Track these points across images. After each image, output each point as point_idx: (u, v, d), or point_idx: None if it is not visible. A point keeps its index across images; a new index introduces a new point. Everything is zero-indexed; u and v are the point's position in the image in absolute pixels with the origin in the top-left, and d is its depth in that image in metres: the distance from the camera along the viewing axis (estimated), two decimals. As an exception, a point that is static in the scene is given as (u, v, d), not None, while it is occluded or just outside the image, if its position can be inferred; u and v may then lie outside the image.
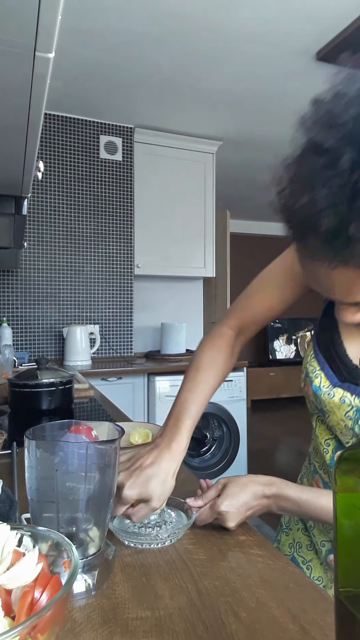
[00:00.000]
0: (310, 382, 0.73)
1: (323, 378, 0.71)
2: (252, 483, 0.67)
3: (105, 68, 2.63)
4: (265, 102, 3.04)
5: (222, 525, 0.66)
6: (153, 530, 0.67)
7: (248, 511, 0.66)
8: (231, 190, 5.01)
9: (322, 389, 0.71)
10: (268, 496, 0.66)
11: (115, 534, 0.65)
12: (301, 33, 2.29)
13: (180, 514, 0.71)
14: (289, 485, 0.67)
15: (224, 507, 0.65)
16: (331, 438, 0.74)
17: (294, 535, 0.86)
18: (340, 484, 0.33)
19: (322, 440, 0.75)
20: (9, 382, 1.52)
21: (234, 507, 0.65)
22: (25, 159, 1.00)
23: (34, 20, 0.51)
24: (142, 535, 0.65)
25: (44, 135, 3.13)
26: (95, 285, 3.32)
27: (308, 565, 0.81)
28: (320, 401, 0.71)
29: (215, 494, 0.68)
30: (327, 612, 0.50)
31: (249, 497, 0.66)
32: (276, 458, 4.11)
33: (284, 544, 0.88)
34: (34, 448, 0.55)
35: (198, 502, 0.69)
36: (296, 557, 0.83)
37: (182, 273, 3.54)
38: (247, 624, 0.49)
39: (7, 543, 0.39)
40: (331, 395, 0.69)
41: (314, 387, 0.72)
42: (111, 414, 1.56)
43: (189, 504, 0.70)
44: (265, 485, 0.67)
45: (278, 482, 0.67)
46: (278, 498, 0.66)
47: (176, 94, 2.95)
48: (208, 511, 0.67)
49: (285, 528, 0.89)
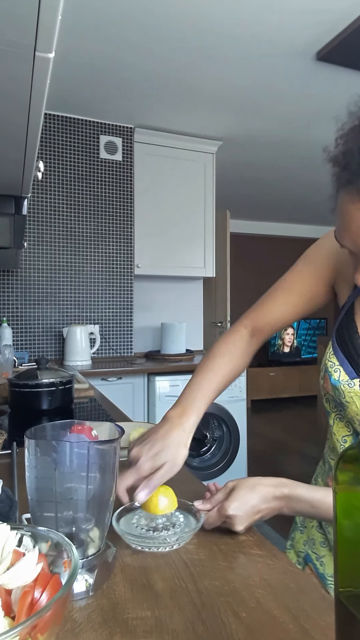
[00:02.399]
0: (330, 376, 0.75)
1: (342, 372, 0.73)
2: (260, 486, 0.66)
3: (106, 68, 2.63)
4: (266, 102, 3.04)
5: (230, 528, 0.65)
6: (161, 533, 0.66)
7: (257, 515, 0.65)
8: (231, 190, 5.01)
9: (341, 382, 0.72)
10: (278, 498, 0.65)
11: (122, 537, 0.64)
12: (301, 33, 2.29)
13: (189, 517, 0.70)
14: (301, 485, 0.67)
15: (231, 511, 0.64)
16: (348, 435, 0.74)
17: (309, 532, 0.86)
18: (340, 483, 0.33)
19: (340, 437, 0.76)
20: (9, 382, 1.52)
21: (241, 510, 0.64)
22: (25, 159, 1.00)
23: (34, 20, 0.51)
24: (150, 538, 0.64)
25: (44, 135, 3.13)
26: (95, 285, 3.32)
27: (321, 562, 0.81)
28: (339, 393, 0.72)
29: (224, 498, 0.67)
30: (327, 612, 0.50)
31: (258, 500, 0.64)
32: (276, 458, 4.11)
33: (298, 542, 0.88)
34: (34, 448, 0.55)
35: (206, 505, 0.69)
36: (310, 554, 0.84)
37: (182, 273, 3.54)
38: (247, 624, 0.49)
39: (7, 543, 0.39)
40: (351, 385, 0.71)
41: (333, 380, 0.74)
42: (111, 414, 1.56)
43: (197, 507, 0.69)
44: (275, 487, 0.66)
45: (289, 483, 0.66)
46: (290, 499, 0.65)
47: (176, 94, 2.95)
48: (216, 514, 0.66)
49: (300, 526, 0.89)
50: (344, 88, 2.81)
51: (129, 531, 0.65)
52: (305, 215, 6.35)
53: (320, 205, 5.77)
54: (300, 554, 0.86)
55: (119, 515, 0.68)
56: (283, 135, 3.56)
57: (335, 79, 2.71)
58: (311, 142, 3.66)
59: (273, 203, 5.79)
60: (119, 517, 0.68)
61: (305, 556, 0.85)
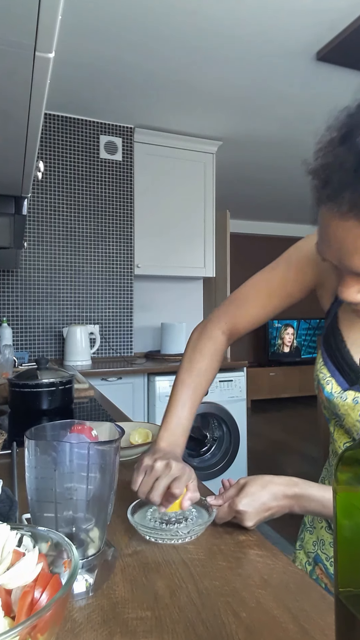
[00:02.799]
0: (322, 388, 0.74)
1: (334, 384, 0.72)
2: (272, 484, 0.67)
3: (106, 68, 2.63)
4: (265, 102, 3.04)
5: (240, 524, 0.66)
6: (174, 526, 0.68)
7: (267, 512, 0.66)
8: (231, 190, 5.01)
9: (334, 394, 0.72)
10: (289, 496, 0.66)
11: (136, 529, 0.66)
12: (301, 33, 2.29)
13: (202, 511, 0.72)
14: (312, 485, 0.67)
15: (241, 507, 0.65)
16: (349, 441, 0.74)
17: (318, 533, 0.86)
18: (340, 484, 0.33)
19: (341, 443, 0.75)
20: (9, 382, 1.52)
21: (251, 506, 0.65)
22: (25, 159, 1.00)
23: (34, 20, 0.51)
24: (163, 530, 0.67)
25: (44, 135, 3.13)
26: (95, 285, 3.32)
27: (331, 562, 0.81)
28: (334, 405, 0.72)
29: (235, 493, 0.69)
30: (327, 612, 0.50)
31: (268, 498, 0.65)
32: (276, 458, 4.11)
33: (307, 542, 0.88)
34: (34, 448, 0.55)
35: (218, 500, 0.70)
36: (320, 555, 0.84)
37: (182, 273, 3.54)
38: (247, 624, 0.49)
39: (7, 543, 0.39)
40: (344, 398, 0.70)
41: (326, 393, 0.73)
42: (111, 414, 1.56)
43: (210, 503, 0.71)
44: (287, 486, 0.66)
45: (301, 482, 0.67)
46: (301, 498, 0.66)
47: (176, 94, 2.95)
48: (226, 509, 0.67)
49: (309, 527, 0.89)
50: (344, 88, 2.81)
51: (143, 523, 0.68)
52: (305, 215, 6.29)
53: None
54: (310, 555, 0.86)
55: (134, 509, 0.70)
56: (283, 135, 3.56)
57: (335, 79, 2.71)
58: (311, 142, 3.65)
59: (273, 203, 5.78)
60: (133, 511, 0.70)
61: (315, 557, 0.85)
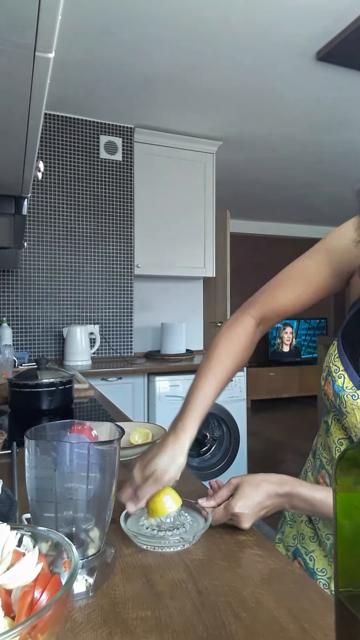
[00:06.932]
0: (333, 381, 0.72)
1: (346, 379, 0.71)
2: (265, 482, 0.67)
3: (106, 68, 2.63)
4: (265, 102, 3.04)
5: (237, 526, 0.66)
6: (168, 532, 0.66)
7: (262, 511, 0.66)
8: (231, 190, 5.01)
9: (345, 390, 0.70)
10: (281, 495, 0.66)
11: (131, 538, 0.64)
12: (301, 33, 2.29)
13: (196, 516, 0.70)
14: (302, 484, 0.67)
15: (238, 509, 0.65)
16: (344, 438, 0.73)
17: (298, 527, 0.86)
18: (340, 484, 0.33)
19: (335, 438, 0.75)
20: (9, 382, 1.52)
21: (248, 508, 0.65)
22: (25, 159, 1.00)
23: (34, 20, 0.51)
24: (158, 538, 0.65)
25: (44, 135, 3.13)
26: (95, 285, 3.32)
27: (311, 557, 0.81)
28: (341, 401, 0.71)
29: (228, 495, 0.68)
30: (327, 612, 0.50)
31: (263, 497, 0.66)
32: (276, 458, 4.11)
33: (287, 536, 0.88)
34: (34, 448, 0.55)
35: (210, 502, 0.69)
36: (299, 549, 0.83)
37: (182, 273, 3.54)
38: (247, 624, 0.49)
39: (7, 543, 0.39)
40: (355, 397, 0.69)
41: (336, 387, 0.72)
42: (111, 414, 1.56)
43: (201, 505, 0.69)
44: (278, 484, 0.67)
45: (291, 480, 0.67)
46: (291, 497, 0.66)
47: (176, 94, 2.95)
48: (222, 512, 0.67)
49: (290, 520, 0.89)
50: (344, 88, 2.81)
51: (137, 531, 0.66)
52: (305, 215, 6.34)
53: (320, 205, 5.78)
54: (289, 549, 0.86)
55: (126, 516, 0.68)
56: (283, 135, 3.56)
57: (335, 79, 2.71)
58: (311, 142, 3.67)
59: (273, 203, 5.78)
60: (126, 517, 0.68)
61: (294, 550, 0.84)
